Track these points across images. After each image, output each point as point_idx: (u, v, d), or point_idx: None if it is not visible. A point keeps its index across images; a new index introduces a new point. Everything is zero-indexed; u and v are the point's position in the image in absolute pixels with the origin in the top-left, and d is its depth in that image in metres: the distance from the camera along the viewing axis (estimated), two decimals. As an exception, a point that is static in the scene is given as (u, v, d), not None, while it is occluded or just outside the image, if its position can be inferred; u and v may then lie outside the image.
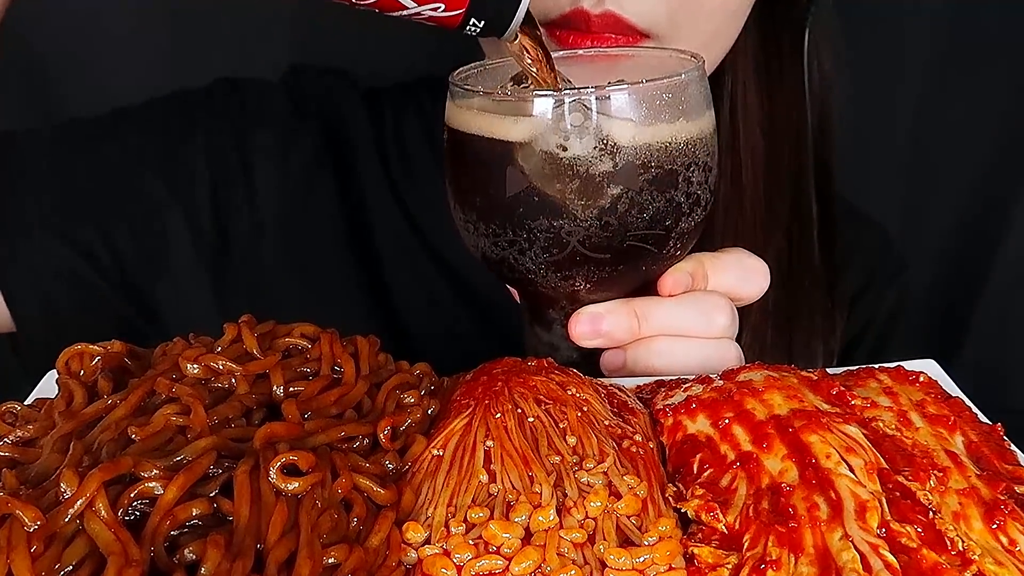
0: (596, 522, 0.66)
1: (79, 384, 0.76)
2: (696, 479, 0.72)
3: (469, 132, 0.88)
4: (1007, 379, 1.74)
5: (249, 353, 0.78)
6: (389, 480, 0.69)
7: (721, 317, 0.91)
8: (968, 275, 1.73)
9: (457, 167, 0.92)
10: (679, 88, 0.86)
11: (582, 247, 0.86)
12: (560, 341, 0.97)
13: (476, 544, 0.64)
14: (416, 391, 0.79)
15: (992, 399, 0.87)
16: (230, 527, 0.59)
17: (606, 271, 0.89)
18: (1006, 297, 1.71)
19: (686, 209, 0.88)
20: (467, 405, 0.77)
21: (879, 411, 0.76)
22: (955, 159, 1.72)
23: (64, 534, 0.57)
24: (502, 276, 0.94)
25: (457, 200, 0.92)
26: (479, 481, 0.69)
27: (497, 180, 0.86)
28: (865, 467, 0.67)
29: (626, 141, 0.84)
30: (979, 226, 1.72)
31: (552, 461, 0.71)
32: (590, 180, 0.84)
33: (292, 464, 0.64)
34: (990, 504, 0.66)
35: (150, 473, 0.61)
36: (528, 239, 0.87)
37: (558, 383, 0.79)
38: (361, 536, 0.64)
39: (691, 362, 0.90)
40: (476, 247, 0.92)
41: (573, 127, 0.83)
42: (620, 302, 0.90)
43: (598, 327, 0.89)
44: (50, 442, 0.67)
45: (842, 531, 0.62)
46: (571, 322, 0.90)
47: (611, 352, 0.92)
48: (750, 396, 0.76)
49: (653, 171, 0.85)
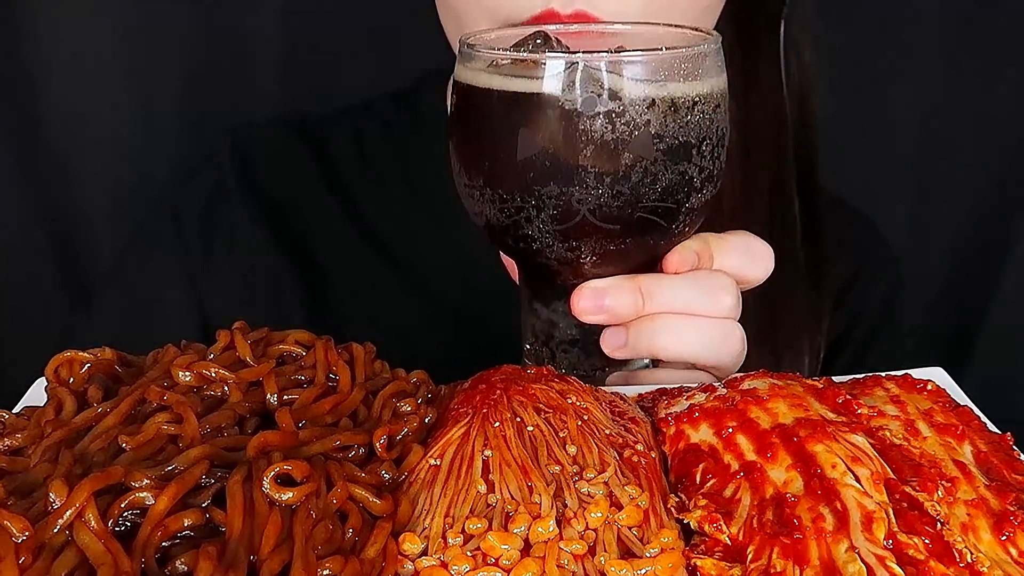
0: (597, 533, 0.66)
1: (69, 392, 0.76)
2: (699, 489, 0.71)
3: (483, 88, 0.87)
4: (1017, 388, 1.74)
5: (242, 360, 0.78)
6: (385, 490, 0.69)
7: (726, 297, 0.91)
8: (977, 282, 1.73)
9: (465, 129, 0.91)
10: (697, 59, 0.86)
11: (592, 216, 0.86)
12: (560, 318, 0.97)
13: (474, 556, 0.64)
14: (413, 399, 0.79)
15: (1001, 408, 0.87)
16: (223, 538, 0.59)
17: (613, 243, 0.89)
18: (1016, 304, 1.71)
19: (698, 184, 0.88)
20: (465, 414, 0.77)
21: (886, 420, 0.76)
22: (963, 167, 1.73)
23: (53, 545, 0.56)
24: (505, 246, 0.94)
25: (463, 164, 0.91)
26: (477, 491, 0.69)
27: (509, 142, 0.85)
28: (872, 477, 0.67)
29: (642, 109, 0.84)
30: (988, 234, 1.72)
31: (552, 471, 0.71)
32: (604, 147, 0.84)
33: (286, 474, 0.64)
34: (999, 515, 0.66)
35: (141, 483, 0.61)
36: (537, 206, 0.86)
37: (558, 391, 0.79)
38: (357, 547, 0.64)
39: (694, 341, 0.90)
40: (480, 214, 0.92)
41: (590, 91, 0.83)
42: (624, 278, 0.90)
43: (601, 302, 0.89)
44: (39, 451, 0.67)
45: (848, 543, 0.62)
46: (574, 297, 0.90)
47: (612, 330, 0.91)
48: (754, 405, 0.76)
49: (668, 141, 0.85)
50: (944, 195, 1.72)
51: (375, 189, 1.30)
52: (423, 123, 1.29)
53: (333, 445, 0.70)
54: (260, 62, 1.66)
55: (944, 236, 1.74)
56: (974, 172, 1.72)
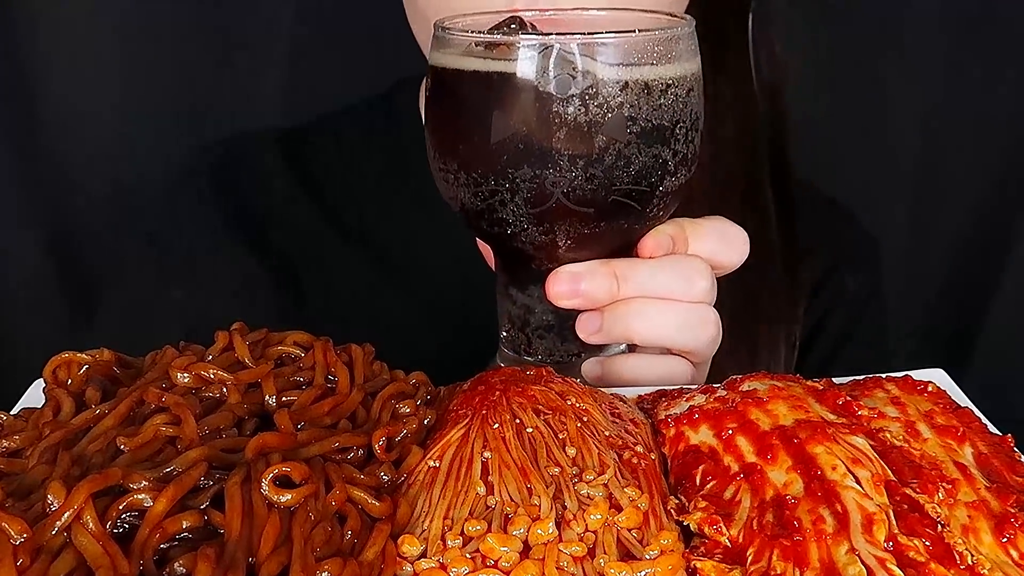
0: (596, 535, 0.66)
1: (67, 394, 0.76)
2: (699, 491, 0.71)
3: (457, 70, 0.87)
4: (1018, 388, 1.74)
5: (241, 362, 0.78)
6: (384, 492, 0.69)
7: (702, 281, 0.91)
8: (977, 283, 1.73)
9: (439, 113, 0.91)
10: (670, 42, 0.87)
11: (566, 199, 0.86)
12: (535, 303, 0.97)
13: (473, 558, 0.64)
14: (412, 401, 0.79)
15: (1002, 409, 0.87)
16: (221, 540, 0.59)
17: (588, 227, 0.89)
18: (1016, 305, 1.71)
19: (671, 167, 0.88)
20: (464, 415, 0.76)
21: (886, 422, 0.76)
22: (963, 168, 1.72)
23: (51, 547, 0.56)
24: (480, 231, 0.94)
25: (437, 148, 0.91)
26: (476, 493, 0.69)
27: (482, 125, 0.85)
28: (872, 479, 0.67)
29: (615, 91, 0.84)
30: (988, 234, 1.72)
31: (551, 473, 0.71)
32: (578, 128, 0.84)
33: (285, 476, 0.64)
34: (1000, 517, 0.66)
35: (139, 485, 0.61)
36: (511, 189, 0.86)
37: (557, 393, 0.79)
38: (355, 550, 0.63)
39: (669, 325, 0.90)
40: (455, 199, 0.92)
41: (563, 73, 0.83)
42: (599, 262, 0.90)
43: (576, 286, 0.89)
44: (37, 453, 0.67)
45: (848, 545, 0.62)
46: (549, 281, 0.90)
47: (587, 315, 0.91)
48: (754, 406, 0.76)
49: (641, 124, 0.85)
50: (944, 195, 1.72)
51: (359, 192, 1.30)
52: (399, 124, 1.29)
53: (332, 447, 0.70)
54: (259, 62, 1.67)
55: (944, 236, 1.73)
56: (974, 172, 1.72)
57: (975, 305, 1.73)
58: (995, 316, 1.72)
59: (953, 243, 1.73)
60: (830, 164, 1.34)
